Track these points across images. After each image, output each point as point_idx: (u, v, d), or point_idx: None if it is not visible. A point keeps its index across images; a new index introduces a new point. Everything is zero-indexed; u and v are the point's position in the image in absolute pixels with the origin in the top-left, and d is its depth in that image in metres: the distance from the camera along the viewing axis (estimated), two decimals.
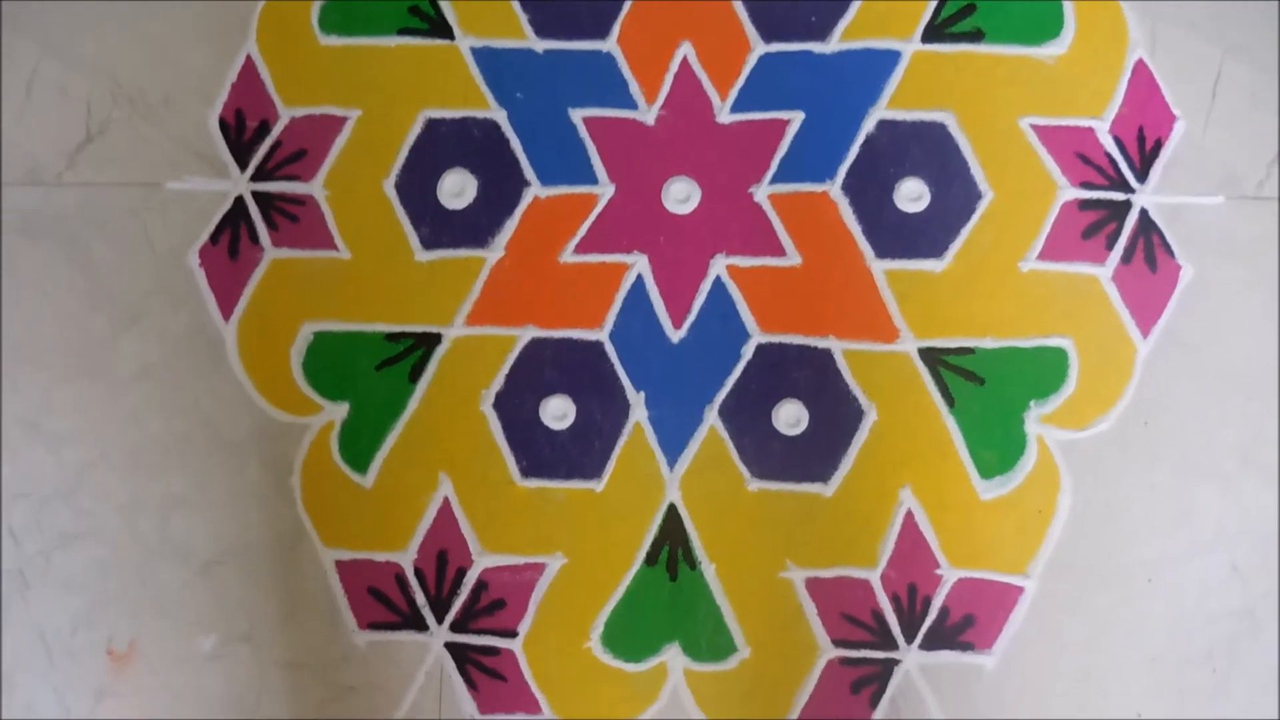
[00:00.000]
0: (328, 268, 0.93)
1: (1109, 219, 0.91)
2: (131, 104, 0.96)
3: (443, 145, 0.94)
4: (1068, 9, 0.94)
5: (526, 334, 0.92)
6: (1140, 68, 0.93)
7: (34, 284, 0.93)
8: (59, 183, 0.95)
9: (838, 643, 0.86)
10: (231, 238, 0.94)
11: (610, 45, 0.95)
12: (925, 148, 0.92)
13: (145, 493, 0.92)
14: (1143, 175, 0.92)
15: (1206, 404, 0.90)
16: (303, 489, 0.91)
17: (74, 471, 0.91)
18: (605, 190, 0.93)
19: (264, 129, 0.95)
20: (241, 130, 0.95)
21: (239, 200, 0.94)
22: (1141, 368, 0.90)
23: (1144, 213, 0.91)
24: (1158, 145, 0.91)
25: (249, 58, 0.96)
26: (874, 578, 0.86)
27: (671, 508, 0.89)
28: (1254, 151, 0.92)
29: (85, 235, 0.94)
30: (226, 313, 0.93)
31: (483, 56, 0.96)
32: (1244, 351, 0.90)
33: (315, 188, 0.94)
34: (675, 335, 0.92)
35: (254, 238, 0.94)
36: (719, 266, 0.92)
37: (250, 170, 0.94)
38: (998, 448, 0.89)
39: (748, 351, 0.91)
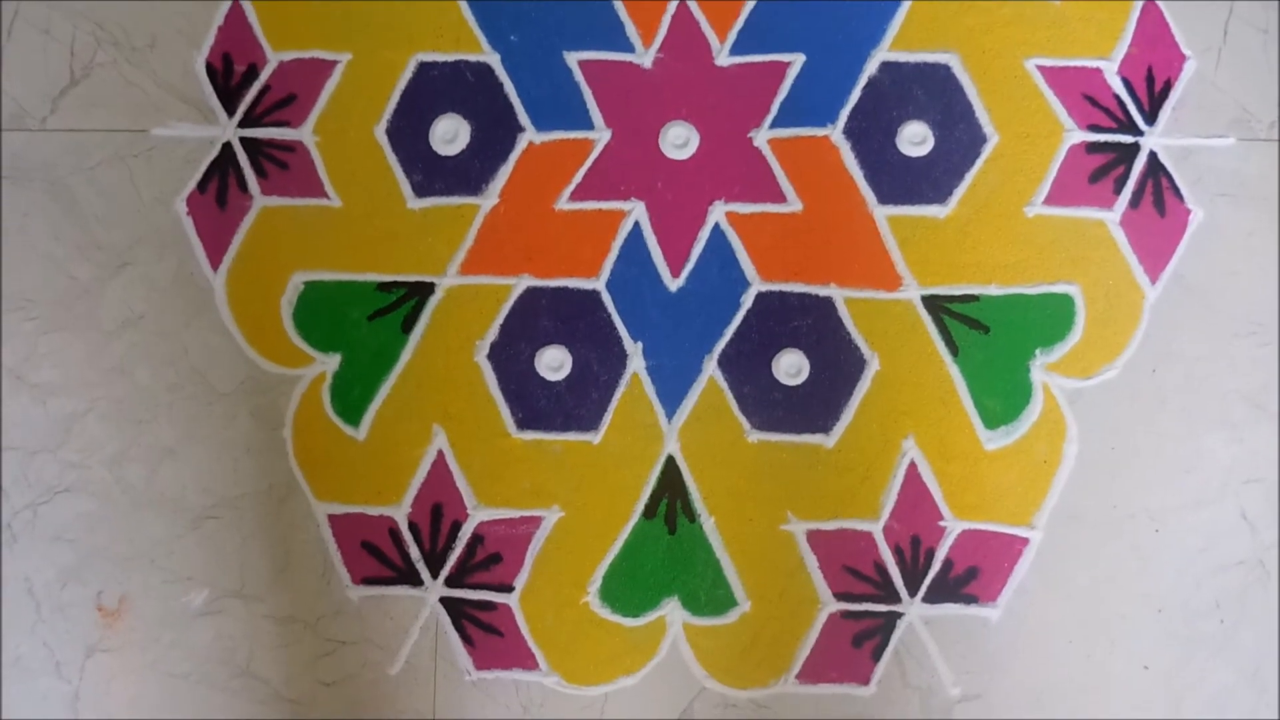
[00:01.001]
0: (318, 216, 0.92)
1: (1117, 162, 0.90)
2: (116, 46, 0.95)
3: (435, 90, 0.93)
4: None
5: (521, 283, 0.91)
6: (1150, 6, 0.92)
7: (19, 231, 0.93)
8: (43, 127, 0.94)
9: (839, 596, 0.86)
10: (220, 185, 0.93)
11: None
12: (928, 90, 0.92)
13: (134, 445, 0.91)
14: (1151, 117, 0.91)
15: (1215, 351, 0.89)
16: (294, 441, 0.91)
17: (61, 423, 0.91)
18: (601, 135, 0.92)
19: (252, 73, 0.94)
20: (229, 75, 0.94)
21: (227, 147, 0.93)
22: (1149, 314, 0.90)
23: (1153, 155, 0.90)
24: (1167, 86, 0.90)
25: (236, 2, 0.94)
26: (876, 530, 0.85)
27: (670, 459, 0.88)
28: (1266, 91, 0.91)
29: (70, 182, 0.93)
30: (215, 262, 0.92)
31: None
32: (1254, 297, 0.89)
33: (305, 134, 0.93)
34: (673, 284, 0.91)
35: (243, 185, 0.93)
36: (718, 213, 0.91)
37: (238, 116, 0.93)
38: (1002, 397, 0.88)
39: (747, 300, 0.91)
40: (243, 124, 0.93)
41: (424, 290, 0.91)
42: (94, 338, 0.92)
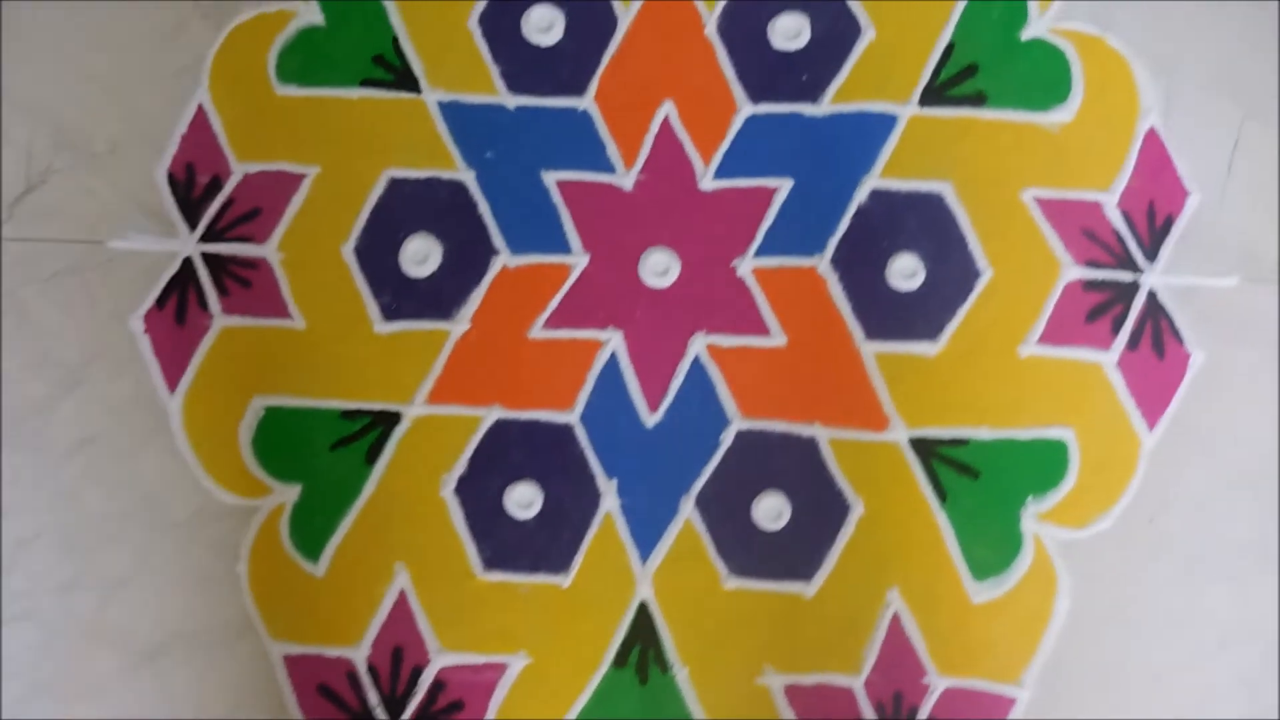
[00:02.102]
0: (281, 338, 0.90)
1: (1115, 301, 0.88)
2: (75, 151, 0.92)
3: (406, 207, 0.91)
4: (1076, 71, 0.91)
5: (492, 414, 0.89)
6: (1152, 136, 0.90)
7: None
8: None
9: None
10: (179, 302, 0.91)
11: (587, 103, 0.92)
12: (921, 220, 0.89)
13: (83, 574, 0.89)
14: (1152, 254, 0.89)
15: (1215, 501, 0.87)
16: (250, 576, 0.88)
17: (8, 549, 0.89)
18: (579, 260, 0.90)
19: (215, 185, 0.92)
20: (191, 186, 0.92)
21: (187, 262, 0.91)
22: (1146, 462, 0.88)
23: (1152, 295, 0.89)
24: (1169, 221, 0.89)
25: (200, 107, 0.93)
26: (857, 685, 0.83)
27: (643, 606, 0.86)
28: (1272, 228, 0.90)
29: (23, 294, 0.91)
30: (172, 383, 0.90)
31: (451, 112, 0.92)
32: (1256, 445, 0.88)
33: (269, 250, 0.91)
34: (650, 419, 0.89)
35: (203, 303, 0.91)
36: (698, 345, 0.89)
37: (200, 230, 0.91)
38: (992, 546, 0.86)
39: (727, 438, 0.88)
40: (205, 238, 0.91)
41: (390, 419, 0.89)
42: (45, 459, 0.90)
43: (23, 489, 0.90)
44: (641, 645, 0.85)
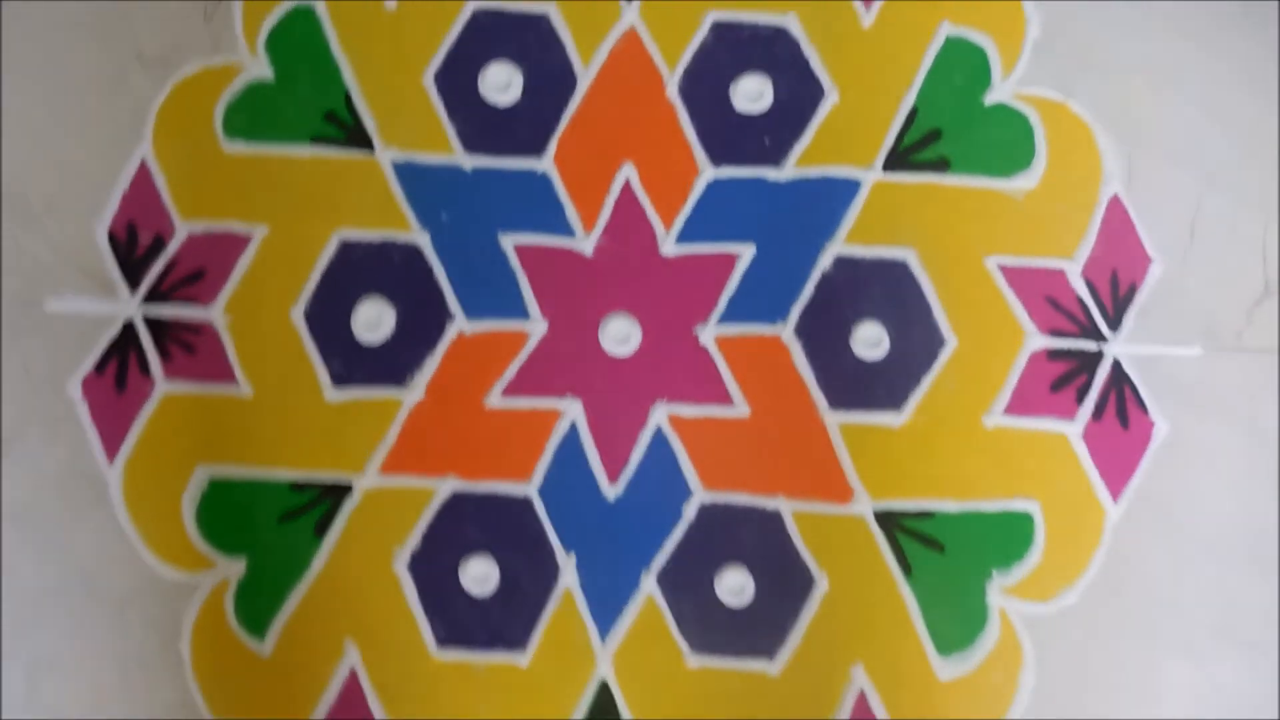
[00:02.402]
0: (227, 405, 0.88)
1: (1079, 370, 0.88)
2: (10, 209, 0.90)
3: (358, 270, 0.89)
4: (1039, 137, 0.92)
5: (447, 486, 0.87)
6: (1115, 204, 0.91)
7: None
8: None
9: None
10: (119, 367, 0.88)
11: (546, 164, 0.90)
12: (885, 288, 0.89)
13: (12, 652, 0.85)
14: (1115, 322, 0.89)
15: (1179, 574, 0.88)
16: (193, 655, 0.85)
17: None
18: (537, 327, 0.89)
19: (158, 245, 0.89)
20: (133, 245, 0.89)
21: (128, 325, 0.89)
22: (1111, 534, 0.88)
23: (1116, 364, 0.89)
24: (1132, 290, 0.89)
25: (143, 163, 0.90)
26: None
27: (603, 685, 0.85)
28: (1234, 296, 0.90)
29: None
30: (111, 452, 0.87)
31: (405, 172, 0.91)
32: (1219, 515, 0.88)
33: (215, 313, 0.88)
34: (611, 491, 0.87)
35: (144, 368, 0.88)
36: (660, 415, 0.88)
37: (142, 291, 0.89)
38: (957, 622, 0.86)
39: (689, 511, 0.87)
40: (147, 300, 0.89)
41: (340, 491, 0.87)
42: None
43: None
44: None
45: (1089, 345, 0.88)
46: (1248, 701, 0.86)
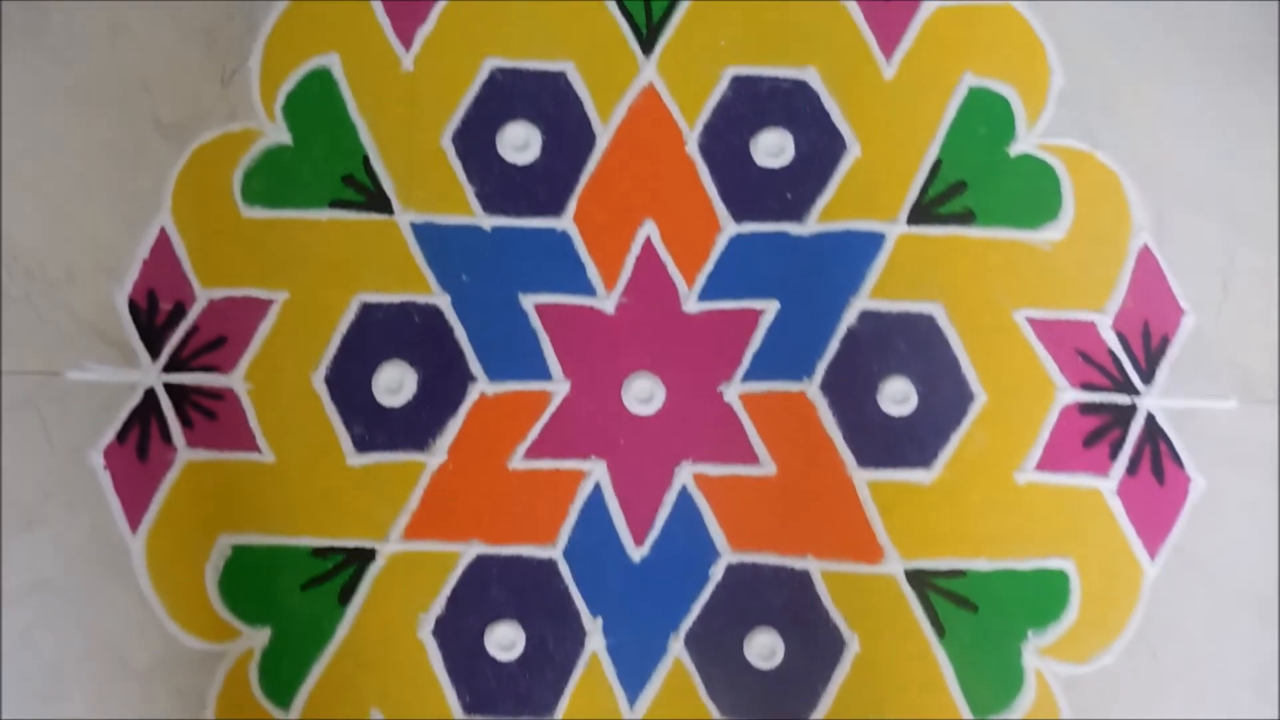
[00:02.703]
0: (249, 472, 0.88)
1: (1112, 425, 0.88)
2: (30, 278, 0.91)
3: (379, 333, 0.90)
4: (1066, 188, 0.91)
5: (471, 550, 0.88)
6: (1145, 254, 0.90)
7: None
8: None
9: None
10: (141, 435, 0.88)
11: (566, 223, 0.91)
12: (912, 342, 0.89)
13: None
14: (1149, 376, 0.89)
15: (1219, 632, 0.87)
16: None
17: None
18: (559, 387, 0.89)
19: (179, 312, 0.90)
20: (154, 313, 0.90)
21: (149, 393, 0.89)
22: (1149, 592, 0.87)
23: (1150, 418, 0.88)
24: (1164, 342, 0.89)
25: (163, 230, 0.91)
26: None
27: None
28: (1269, 348, 0.90)
29: None
30: (134, 521, 0.88)
31: (425, 234, 0.91)
32: (1259, 572, 0.88)
33: (236, 380, 0.89)
34: (637, 553, 0.87)
35: (166, 436, 0.88)
36: (685, 475, 0.88)
37: (163, 359, 0.90)
38: (992, 683, 0.86)
39: (717, 572, 0.87)
40: (168, 368, 0.89)
41: (364, 557, 0.87)
42: None
43: None
44: None
45: (1122, 399, 0.88)
46: None
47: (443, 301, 0.90)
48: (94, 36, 0.94)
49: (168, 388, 0.89)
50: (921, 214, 0.89)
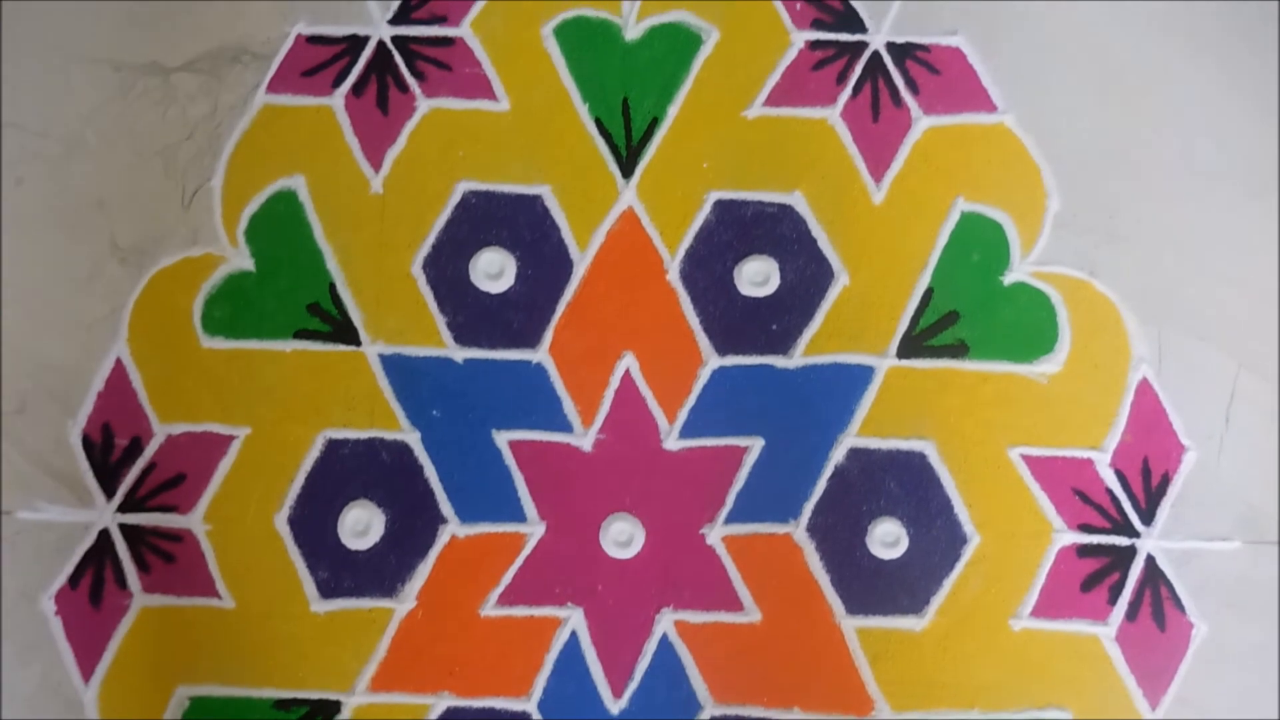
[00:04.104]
0: (208, 618, 0.91)
1: (1111, 568, 0.91)
2: None
3: (345, 472, 0.93)
4: (1062, 318, 0.95)
5: (441, 703, 0.90)
6: (1144, 388, 0.94)
7: None
8: None
9: None
10: (94, 579, 0.91)
11: (542, 355, 0.94)
12: (902, 482, 0.92)
13: None
14: (1149, 516, 0.92)
15: None
16: None
17: None
18: (534, 529, 0.92)
19: (135, 448, 0.93)
20: (109, 449, 0.93)
21: (104, 534, 0.92)
22: None
23: (1150, 560, 0.92)
24: (1165, 480, 0.93)
25: (119, 360, 0.94)
26: None
27: None
28: (1273, 485, 0.92)
29: None
30: (87, 671, 0.90)
31: (394, 366, 0.94)
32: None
33: (194, 521, 0.92)
34: (615, 705, 0.90)
35: (121, 581, 0.91)
36: (666, 622, 0.91)
37: (118, 498, 0.92)
38: None
39: None
40: (123, 508, 0.92)
41: (329, 709, 0.90)
42: None
43: None
44: None
45: (1121, 541, 0.92)
46: None
47: (412, 438, 0.93)
48: (48, 155, 0.98)
49: (123, 528, 0.92)
50: (912, 346, 0.92)
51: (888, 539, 0.91)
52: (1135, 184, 0.97)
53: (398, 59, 1.00)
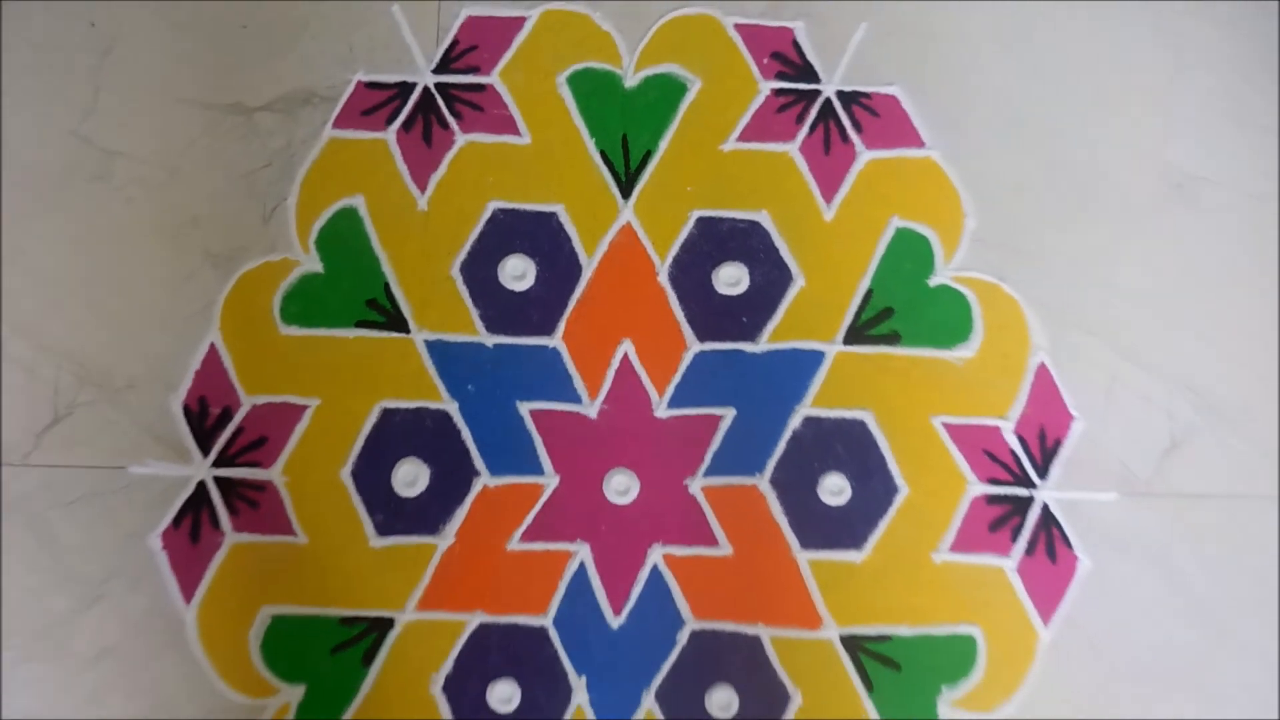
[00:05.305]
0: (286, 553, 1.10)
1: (1013, 513, 1.15)
2: (98, 387, 1.15)
3: (397, 435, 1.14)
4: (976, 314, 1.19)
5: (475, 619, 1.11)
6: (1042, 371, 1.18)
7: None
8: (25, 462, 1.13)
9: None
10: (193, 522, 1.11)
11: (556, 341, 1.17)
12: (847, 444, 1.16)
13: None
14: (1044, 472, 1.16)
15: (1101, 691, 1.12)
16: None
17: None
18: (550, 481, 1.14)
19: (226, 416, 1.15)
20: (204, 417, 1.14)
21: (201, 485, 1.12)
22: (1043, 655, 1.12)
23: (1045, 507, 1.15)
24: (1057, 444, 1.17)
25: (212, 346, 1.16)
26: None
27: None
28: (1144, 449, 1.17)
29: (49, 516, 1.12)
30: (187, 595, 1.09)
31: (436, 350, 1.17)
32: (1136, 640, 1.13)
33: (275, 474, 1.14)
34: (615, 621, 1.11)
35: (215, 522, 1.11)
36: (656, 556, 1.13)
37: (212, 456, 1.13)
38: None
39: (682, 638, 1.11)
40: (216, 464, 1.13)
41: (384, 625, 1.10)
42: (68, 668, 1.08)
43: (46, 698, 1.09)
44: None
45: (1021, 492, 1.16)
46: None
47: (451, 408, 1.16)
48: (153, 179, 1.21)
49: (216, 480, 1.14)
50: (855, 335, 1.19)
51: (835, 489, 1.15)
52: (1037, 208, 1.22)
53: (439, 102, 1.24)
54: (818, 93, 1.26)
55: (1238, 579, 1.15)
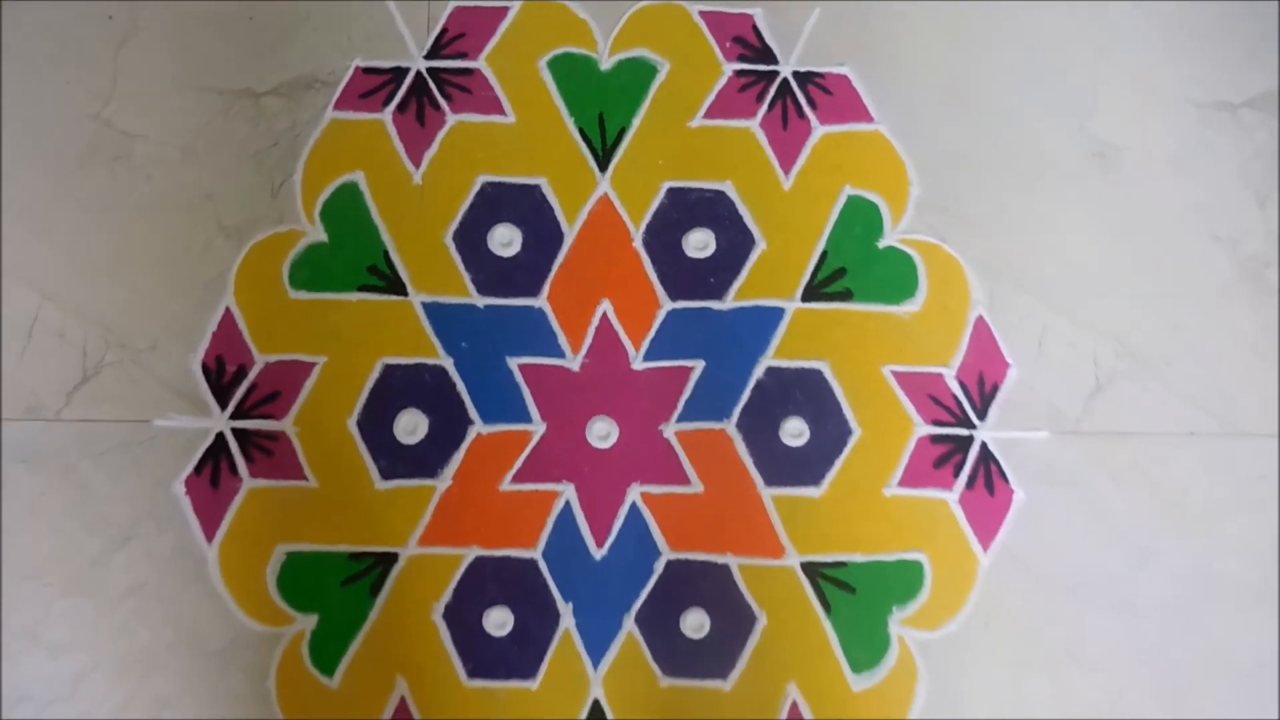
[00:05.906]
0: (298, 496, 1.18)
1: (955, 451, 1.26)
2: (123, 348, 1.23)
3: (398, 388, 1.21)
4: (921, 273, 1.30)
5: (471, 553, 1.19)
6: (980, 324, 1.29)
7: (33, 509, 1.17)
8: (58, 418, 1.21)
9: None
10: (213, 469, 1.19)
11: (541, 302, 1.25)
12: (805, 391, 1.24)
13: (136, 697, 1.14)
14: (983, 414, 1.28)
15: (1036, 609, 1.21)
16: (277, 691, 1.14)
17: (71, 678, 1.14)
18: (538, 428, 1.22)
19: (241, 373, 1.22)
20: (221, 374, 1.21)
21: (219, 436, 1.20)
22: (983, 578, 1.21)
23: (984, 445, 1.27)
24: (994, 388, 1.28)
25: (227, 310, 1.24)
26: None
27: (596, 703, 1.16)
28: (1073, 392, 1.29)
29: (81, 465, 1.19)
30: (209, 535, 1.17)
31: (432, 311, 1.24)
32: (1066, 563, 1.23)
33: (287, 425, 1.21)
34: (598, 553, 1.19)
35: (233, 469, 1.19)
36: (634, 494, 1.21)
37: (229, 409, 1.21)
38: (866, 647, 1.18)
39: (659, 567, 1.19)
40: (233, 416, 1.20)
41: (388, 560, 1.18)
42: (101, 602, 1.16)
43: (82, 629, 1.16)
44: None
45: (962, 432, 1.26)
46: (1091, 710, 1.23)
47: (447, 363, 1.23)
48: (169, 159, 1.28)
49: (234, 432, 1.21)
50: (812, 293, 1.27)
51: (795, 432, 1.24)
52: (975, 177, 1.30)
53: (431, 85, 1.31)
54: (776, 73, 1.33)
55: (1154, 507, 1.24)
